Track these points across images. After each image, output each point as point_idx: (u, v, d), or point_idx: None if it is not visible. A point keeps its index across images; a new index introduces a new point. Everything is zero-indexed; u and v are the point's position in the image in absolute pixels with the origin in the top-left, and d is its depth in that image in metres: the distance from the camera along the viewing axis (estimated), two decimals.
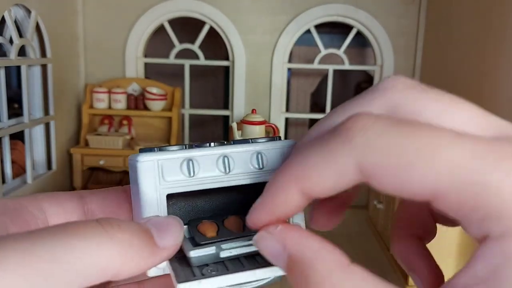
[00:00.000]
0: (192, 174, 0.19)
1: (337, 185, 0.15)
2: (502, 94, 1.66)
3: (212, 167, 0.19)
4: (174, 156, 0.19)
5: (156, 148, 0.19)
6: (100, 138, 2.34)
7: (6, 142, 1.98)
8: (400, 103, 0.16)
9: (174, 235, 0.17)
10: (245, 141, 0.20)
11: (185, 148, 0.19)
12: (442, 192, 0.13)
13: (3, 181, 1.94)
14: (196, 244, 0.19)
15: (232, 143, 0.21)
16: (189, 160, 0.19)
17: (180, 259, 0.18)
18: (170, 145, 0.20)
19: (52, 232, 0.13)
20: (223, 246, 0.19)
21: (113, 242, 0.14)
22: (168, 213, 0.19)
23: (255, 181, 0.20)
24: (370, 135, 0.14)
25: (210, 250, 0.19)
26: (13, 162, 2.06)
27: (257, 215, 0.17)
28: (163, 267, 0.18)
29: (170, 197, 0.19)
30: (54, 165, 2.29)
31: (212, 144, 0.20)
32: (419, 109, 0.16)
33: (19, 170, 2.15)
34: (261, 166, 0.20)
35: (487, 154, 0.13)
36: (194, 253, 0.18)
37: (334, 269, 0.14)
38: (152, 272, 0.18)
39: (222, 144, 0.20)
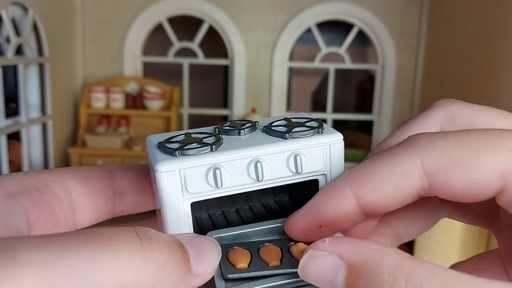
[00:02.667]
0: (219, 185, 0.16)
1: (397, 193, 0.15)
2: (506, 93, 1.64)
3: (242, 175, 0.17)
4: (198, 163, 0.16)
5: (177, 151, 0.16)
6: (98, 138, 2.32)
7: (3, 142, 1.96)
8: (456, 113, 0.17)
9: (211, 261, 0.15)
10: (280, 134, 0.17)
11: (211, 147, 0.16)
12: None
13: None
14: (224, 278, 0.16)
15: (264, 130, 0.18)
16: (216, 168, 0.16)
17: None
18: (193, 137, 0.17)
19: (79, 241, 0.12)
20: (255, 285, 0.16)
21: (147, 262, 0.13)
22: (194, 220, 0.17)
23: (290, 183, 0.18)
24: (434, 137, 0.15)
25: None
26: (10, 162, 2.04)
27: (298, 217, 0.16)
28: None
29: (196, 204, 0.17)
30: (51, 166, 2.27)
31: (242, 131, 0.17)
32: (474, 116, 0.17)
33: (16, 170, 2.13)
34: (299, 170, 0.17)
35: None
36: None
37: (402, 258, 0.13)
38: None
39: (252, 129, 0.18)
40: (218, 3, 2.42)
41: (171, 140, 0.17)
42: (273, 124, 0.18)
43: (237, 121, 0.18)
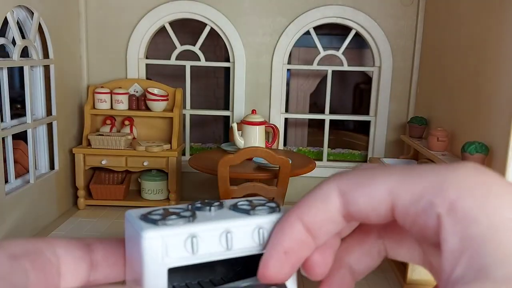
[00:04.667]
0: (195, 251, 0.19)
1: (326, 212, 0.19)
2: (500, 95, 1.68)
3: (215, 244, 0.19)
4: (178, 232, 0.19)
5: (159, 221, 0.19)
6: (102, 138, 2.36)
7: (9, 142, 2.00)
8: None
9: None
10: (245, 211, 0.20)
11: (188, 220, 0.19)
12: (395, 189, 0.18)
13: (6, 181, 1.96)
14: None
15: (232, 208, 0.21)
16: (193, 237, 0.19)
17: None
18: (171, 211, 0.20)
19: None
20: None
21: None
22: (169, 282, 0.19)
23: (254, 253, 0.20)
24: (346, 171, 0.20)
25: None
26: (15, 162, 2.07)
27: (266, 253, 0.19)
28: None
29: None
30: (56, 165, 2.31)
31: (212, 208, 0.21)
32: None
33: (21, 170, 2.17)
34: (261, 241, 0.20)
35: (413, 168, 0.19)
36: None
37: None
38: None
39: (220, 207, 0.21)
40: (220, 8, 2.48)
41: (152, 213, 0.20)
42: (238, 204, 0.22)
43: (206, 201, 0.22)
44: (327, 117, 2.66)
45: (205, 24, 2.52)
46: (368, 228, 0.21)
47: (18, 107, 2.75)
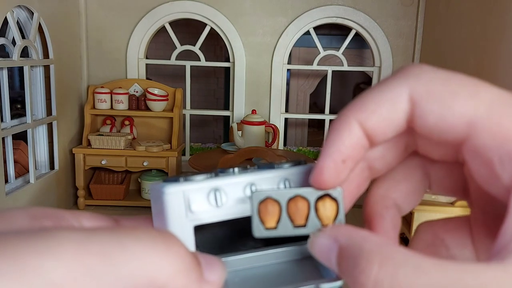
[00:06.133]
0: (219, 204, 0.18)
1: (391, 116, 0.16)
2: None
3: (240, 196, 0.19)
4: (200, 187, 0.18)
5: (181, 178, 0.18)
6: (102, 138, 2.36)
7: (9, 142, 2.00)
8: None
9: (220, 272, 0.16)
10: (270, 166, 0.20)
11: (211, 177, 0.19)
12: (479, 122, 0.15)
13: (6, 181, 1.96)
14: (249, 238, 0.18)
15: (257, 167, 0.20)
16: (216, 190, 0.18)
17: None
18: (195, 174, 0.19)
19: (107, 230, 0.13)
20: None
21: (168, 253, 0.14)
22: (196, 241, 0.18)
23: None
24: (424, 69, 0.16)
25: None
26: (15, 162, 2.08)
27: (323, 162, 0.17)
28: None
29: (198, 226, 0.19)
30: (56, 165, 2.32)
31: (236, 169, 0.19)
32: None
33: (21, 170, 2.17)
34: None
35: None
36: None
37: (381, 244, 0.14)
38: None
39: (245, 169, 0.20)
40: (220, 7, 2.48)
41: (175, 177, 0.20)
42: (262, 164, 0.21)
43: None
44: (327, 117, 2.66)
45: (205, 24, 2.52)
46: (414, 162, 0.19)
47: (18, 107, 2.76)
